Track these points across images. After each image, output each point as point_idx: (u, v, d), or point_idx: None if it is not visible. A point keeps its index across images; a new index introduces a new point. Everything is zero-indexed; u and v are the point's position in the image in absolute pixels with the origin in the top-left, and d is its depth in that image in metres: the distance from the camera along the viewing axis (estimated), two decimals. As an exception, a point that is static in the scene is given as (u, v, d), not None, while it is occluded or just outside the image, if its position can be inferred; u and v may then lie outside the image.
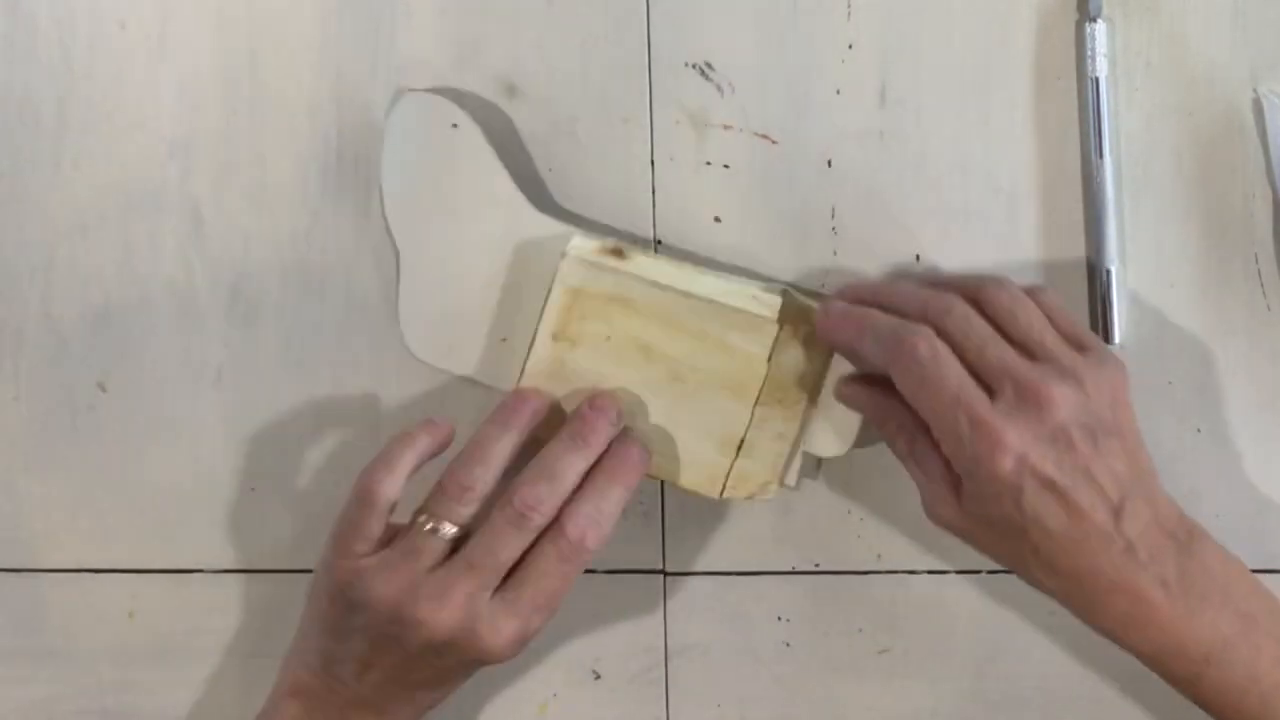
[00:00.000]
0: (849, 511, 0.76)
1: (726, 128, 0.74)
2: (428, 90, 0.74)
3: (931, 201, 0.74)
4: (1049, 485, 0.67)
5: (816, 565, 0.76)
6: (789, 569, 0.76)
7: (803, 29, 0.73)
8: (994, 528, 0.68)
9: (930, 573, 0.76)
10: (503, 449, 0.71)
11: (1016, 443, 0.67)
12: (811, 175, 0.74)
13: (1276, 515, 0.74)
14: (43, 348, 0.77)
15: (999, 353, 0.68)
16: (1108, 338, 0.73)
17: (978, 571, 0.76)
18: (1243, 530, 0.74)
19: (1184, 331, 0.74)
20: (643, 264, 0.72)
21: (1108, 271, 0.73)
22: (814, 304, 0.72)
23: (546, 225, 0.74)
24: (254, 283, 0.76)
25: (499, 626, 0.69)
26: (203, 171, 0.76)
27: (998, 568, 0.75)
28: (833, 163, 0.74)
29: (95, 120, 0.75)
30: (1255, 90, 0.72)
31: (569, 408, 0.72)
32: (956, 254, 0.74)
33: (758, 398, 0.72)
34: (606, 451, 0.71)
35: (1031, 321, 0.69)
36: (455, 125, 0.74)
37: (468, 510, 0.70)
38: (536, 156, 0.75)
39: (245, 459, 0.77)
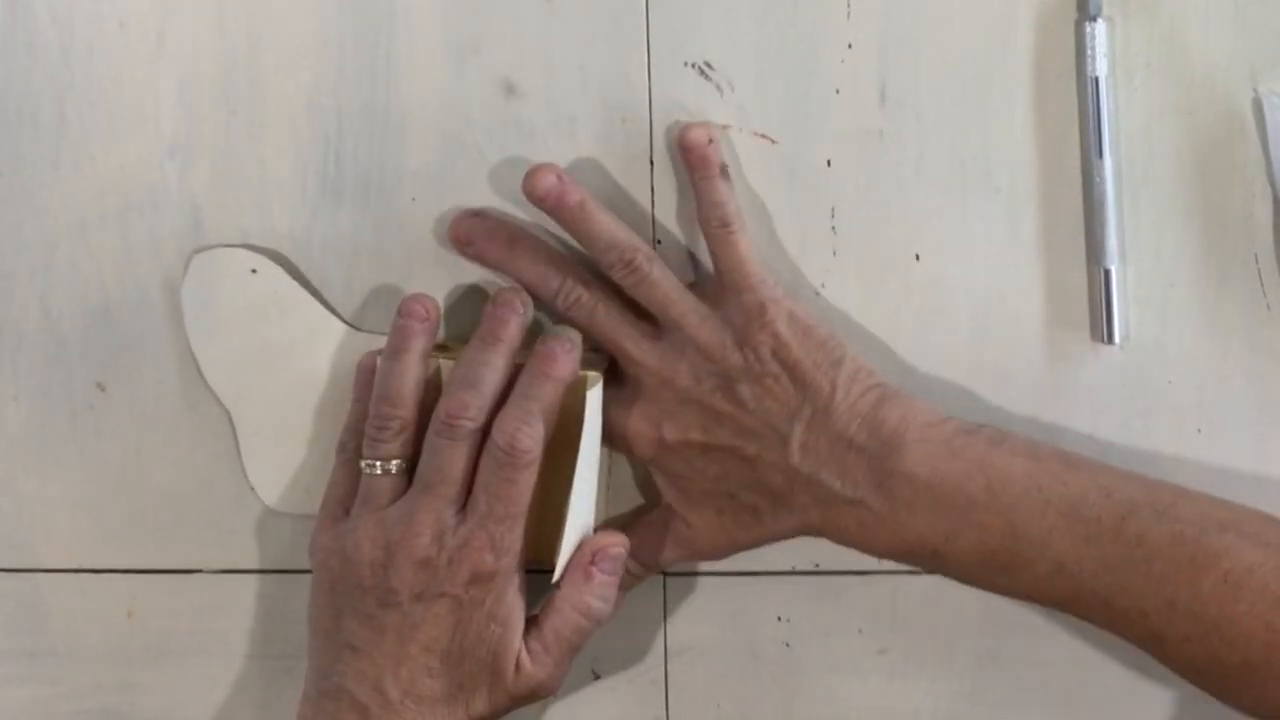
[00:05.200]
0: (849, 511, 0.76)
1: (726, 128, 0.74)
2: (218, 246, 0.75)
3: (931, 201, 0.74)
4: (706, 449, 0.70)
5: (816, 565, 0.76)
6: (789, 569, 0.76)
7: (803, 29, 0.73)
8: (724, 512, 0.72)
9: (930, 573, 0.76)
10: (405, 377, 0.71)
11: (645, 428, 0.71)
12: (811, 175, 0.74)
13: (1276, 515, 0.74)
14: (43, 348, 0.77)
15: (614, 338, 0.71)
16: (1108, 338, 0.73)
17: (978, 571, 0.76)
18: (1243, 530, 0.74)
19: (1184, 331, 0.74)
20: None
21: (1108, 271, 0.73)
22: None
23: (371, 340, 0.74)
24: (254, 283, 0.76)
25: (470, 541, 0.68)
26: (203, 171, 0.75)
27: (998, 568, 0.75)
28: (832, 163, 0.74)
29: (95, 120, 0.75)
30: (1255, 90, 0.72)
31: None
32: (956, 254, 0.74)
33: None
34: (532, 352, 0.71)
35: (651, 296, 0.71)
36: (254, 270, 0.74)
37: (395, 443, 0.70)
38: (536, 156, 0.74)
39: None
